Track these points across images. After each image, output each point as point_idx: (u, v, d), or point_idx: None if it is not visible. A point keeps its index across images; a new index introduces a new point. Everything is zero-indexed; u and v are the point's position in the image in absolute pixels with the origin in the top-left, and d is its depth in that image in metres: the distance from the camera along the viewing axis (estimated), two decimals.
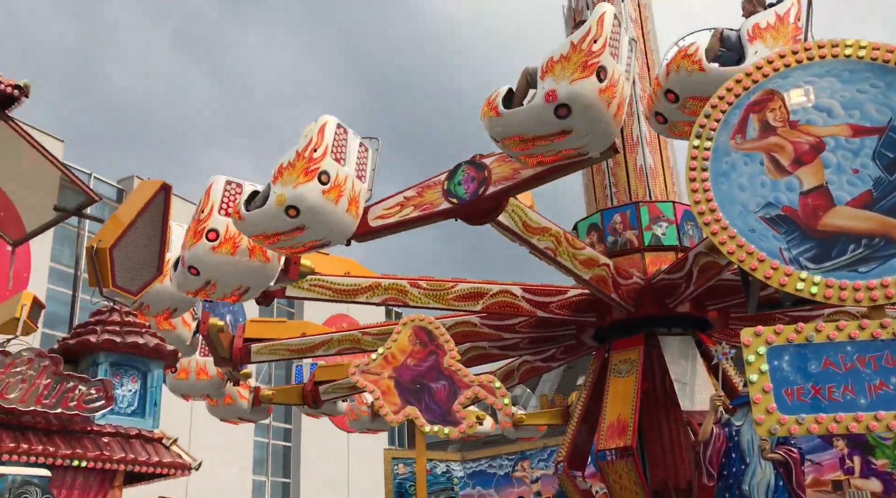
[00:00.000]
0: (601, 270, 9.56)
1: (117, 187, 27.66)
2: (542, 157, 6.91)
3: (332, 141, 7.30)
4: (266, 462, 31.46)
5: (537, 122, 6.49)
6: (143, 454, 6.88)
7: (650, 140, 10.92)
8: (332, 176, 7.01)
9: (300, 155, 7.17)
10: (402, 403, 7.36)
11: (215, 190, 8.06)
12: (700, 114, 5.21)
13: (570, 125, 6.40)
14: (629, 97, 6.85)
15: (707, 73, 6.57)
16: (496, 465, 19.60)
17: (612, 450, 9.41)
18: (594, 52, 6.29)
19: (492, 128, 6.80)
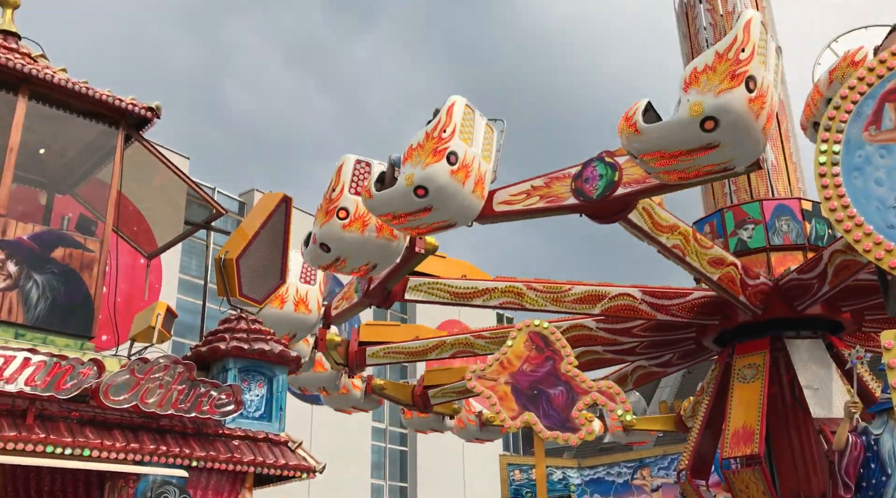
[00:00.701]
0: (729, 269, 9.21)
1: (239, 201, 28.88)
2: (684, 173, 6.64)
3: (461, 121, 7.20)
4: (384, 466, 32.03)
5: (681, 137, 6.23)
6: (270, 457, 7.11)
7: (772, 135, 10.46)
8: (461, 156, 6.95)
9: (429, 135, 7.09)
10: (520, 409, 7.33)
11: (346, 169, 8.15)
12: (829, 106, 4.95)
13: (716, 139, 6.11)
14: (776, 106, 6.44)
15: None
16: (614, 472, 19.22)
17: (738, 458, 9.09)
18: (742, 61, 6.02)
19: (630, 144, 6.61)
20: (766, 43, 6.36)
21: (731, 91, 5.94)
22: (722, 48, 6.16)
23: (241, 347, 7.27)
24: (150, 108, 7.85)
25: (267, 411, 7.47)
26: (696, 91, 6.08)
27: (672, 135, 6.25)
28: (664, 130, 6.27)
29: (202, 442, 6.83)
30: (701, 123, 6.03)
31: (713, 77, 6.04)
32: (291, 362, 7.60)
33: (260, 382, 7.48)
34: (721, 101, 5.94)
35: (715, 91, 5.98)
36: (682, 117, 6.14)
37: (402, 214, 7.26)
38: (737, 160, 6.46)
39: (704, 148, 6.21)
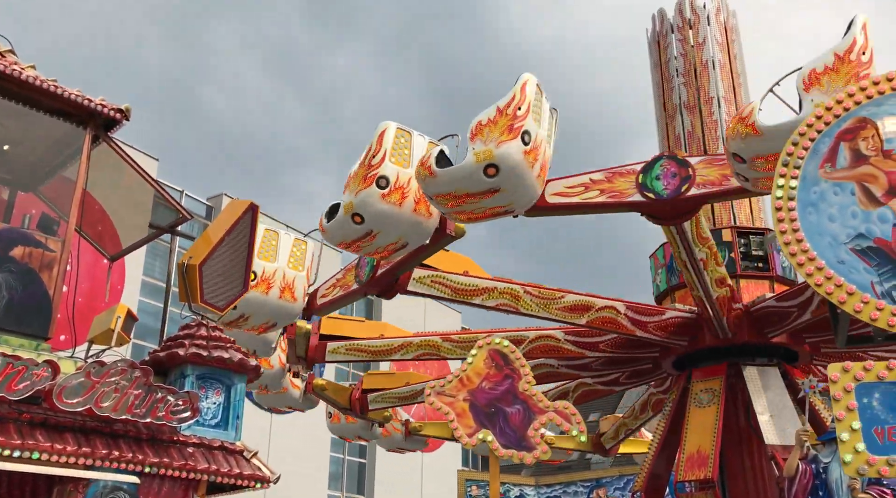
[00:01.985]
0: (724, 290, 9.40)
1: (207, 205, 28.65)
2: (472, 213, 7.20)
3: (533, 100, 6.95)
4: (341, 478, 31.81)
5: (468, 181, 6.80)
6: (225, 465, 7.05)
7: None
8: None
9: (502, 111, 6.75)
10: (477, 426, 7.37)
11: (388, 136, 7.66)
12: (787, 142, 5.09)
13: (497, 184, 6.75)
14: (551, 159, 7.18)
15: (761, 134, 6.47)
16: (571, 491, 19.27)
17: (692, 482, 9.20)
18: (518, 117, 6.64)
19: (426, 187, 7.07)
20: (540, 102, 6.97)
21: (508, 142, 6.57)
22: (502, 104, 6.73)
23: (201, 353, 7.21)
24: (119, 109, 7.79)
25: (223, 419, 7.40)
26: (480, 141, 6.68)
27: (460, 179, 6.82)
28: (454, 175, 6.83)
29: (156, 448, 6.75)
30: (484, 170, 6.65)
31: (494, 129, 6.63)
32: (251, 371, 7.55)
33: (218, 390, 7.42)
34: (501, 150, 6.58)
35: (496, 142, 6.59)
36: (469, 163, 6.71)
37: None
38: (515, 204, 7.19)
39: (487, 192, 6.83)
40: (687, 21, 11.89)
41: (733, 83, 11.71)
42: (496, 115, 6.74)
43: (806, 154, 4.97)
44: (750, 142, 6.56)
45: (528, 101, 6.78)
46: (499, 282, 10.14)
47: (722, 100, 11.46)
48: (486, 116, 6.77)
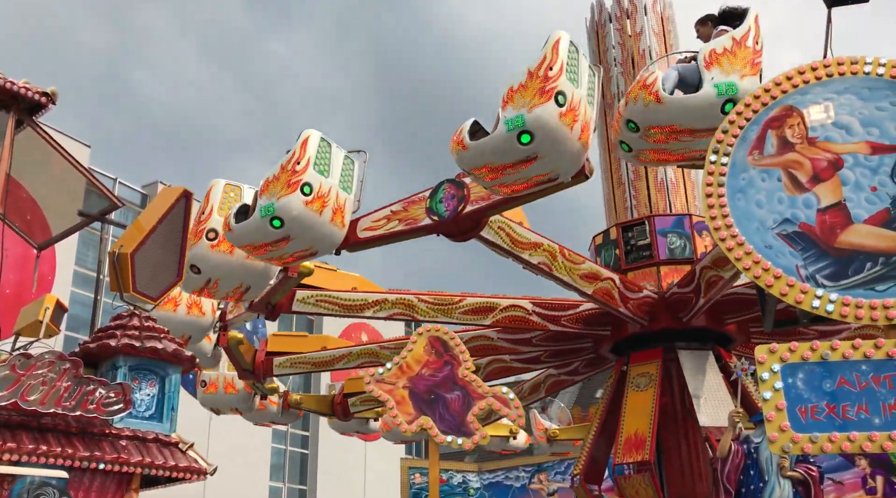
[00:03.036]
0: (605, 283, 9.57)
1: (141, 193, 27.98)
2: (514, 185, 7.03)
3: (315, 153, 7.49)
4: (283, 468, 31.56)
5: (502, 151, 6.60)
6: (159, 458, 6.92)
7: None
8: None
9: (283, 168, 7.34)
10: (417, 413, 7.37)
11: (215, 193, 8.43)
12: (718, 128, 5.19)
13: (534, 151, 6.51)
14: (594, 120, 6.96)
15: (664, 103, 6.58)
16: (513, 476, 19.54)
17: (630, 464, 9.38)
18: (551, 78, 6.41)
19: (460, 161, 6.94)
20: (576, 61, 6.77)
21: (542, 106, 6.33)
22: (533, 66, 6.52)
23: (133, 344, 7.06)
24: (44, 93, 7.54)
25: (158, 411, 7.27)
26: (511, 107, 6.46)
27: (494, 150, 6.62)
28: (488, 146, 6.62)
29: (86, 442, 6.59)
30: (517, 137, 6.41)
31: (526, 93, 6.41)
32: (185, 362, 7.42)
33: (151, 381, 7.27)
34: (533, 115, 6.35)
35: (528, 106, 6.36)
36: (501, 132, 6.51)
37: (262, 245, 7.46)
38: (560, 170, 6.87)
39: (525, 160, 6.60)
40: (625, 11, 12.03)
41: None
42: (527, 78, 6.50)
43: (735, 141, 5.08)
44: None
45: (562, 61, 6.51)
46: (390, 293, 10.40)
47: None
48: (516, 81, 6.55)
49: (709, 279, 9.21)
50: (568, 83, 6.52)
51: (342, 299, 10.34)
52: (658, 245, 10.47)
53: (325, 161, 7.56)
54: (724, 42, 6.71)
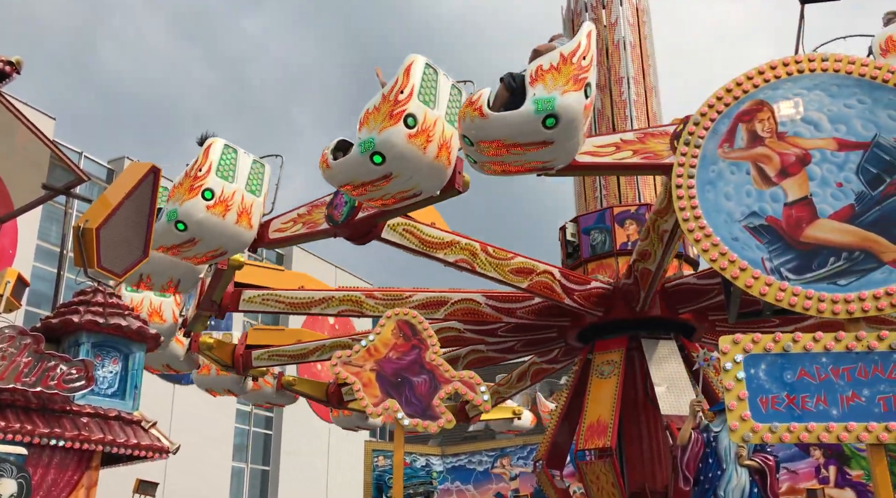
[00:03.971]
0: (542, 277, 9.68)
1: (107, 168, 27.50)
2: (383, 200, 7.16)
3: (219, 158, 7.85)
4: (246, 449, 31.46)
5: (359, 171, 6.77)
6: (121, 436, 6.85)
7: None
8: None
9: (566, 59, 6.63)
10: (383, 396, 7.38)
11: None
12: (689, 121, 5.24)
13: (388, 170, 6.69)
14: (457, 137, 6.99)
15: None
16: (476, 461, 19.65)
17: (592, 450, 9.47)
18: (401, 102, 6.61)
19: (327, 178, 7.02)
20: (434, 82, 6.94)
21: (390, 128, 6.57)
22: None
23: (96, 321, 6.97)
24: (9, 61, 7.35)
25: (121, 389, 7.20)
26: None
27: (353, 169, 6.80)
28: (346, 166, 6.79)
29: (47, 418, 6.51)
30: (370, 158, 6.59)
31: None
32: (150, 339, 7.35)
33: (115, 359, 7.20)
34: (382, 137, 6.57)
35: (378, 129, 6.59)
36: (356, 154, 6.67)
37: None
38: (421, 187, 7.12)
39: (382, 178, 6.80)
40: (600, 1, 12.06)
41: (643, 64, 11.97)
42: (381, 101, 6.63)
43: (706, 134, 5.13)
44: (476, 124, 6.61)
45: (413, 84, 6.70)
46: (337, 291, 10.64)
47: (632, 80, 11.71)
48: (372, 104, 6.67)
49: (641, 271, 9.41)
50: (420, 105, 6.68)
51: (288, 297, 10.53)
52: (582, 243, 10.83)
53: (230, 167, 7.88)
54: (552, 58, 6.56)
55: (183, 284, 8.74)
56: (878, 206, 4.80)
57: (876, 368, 4.54)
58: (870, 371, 4.54)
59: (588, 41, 6.54)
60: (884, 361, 4.55)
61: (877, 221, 4.77)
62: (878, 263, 4.70)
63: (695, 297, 9.98)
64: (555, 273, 9.88)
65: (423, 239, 9.30)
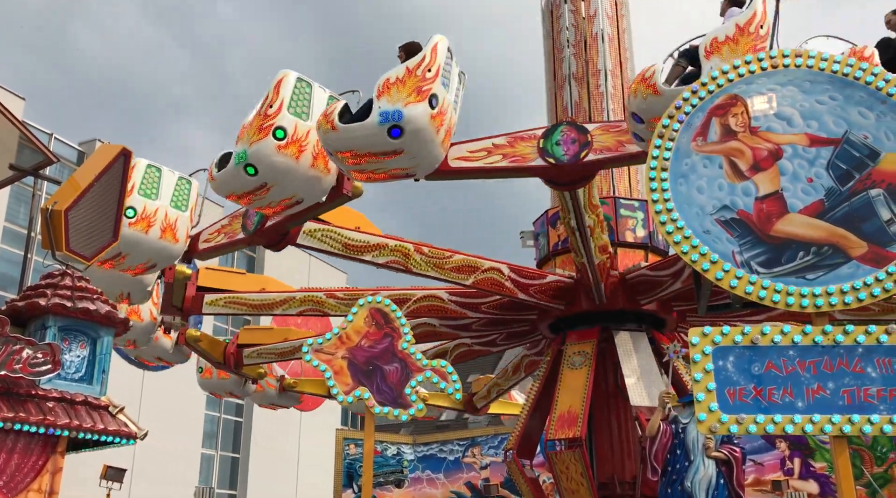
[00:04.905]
0: (489, 274, 9.86)
1: (78, 150, 27.09)
2: (372, 173, 7.12)
3: (444, 63, 7.01)
4: (216, 436, 31.27)
5: (371, 141, 6.70)
6: (87, 421, 6.76)
7: None
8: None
9: (411, 72, 6.76)
10: (354, 384, 7.36)
11: (286, 85, 7.44)
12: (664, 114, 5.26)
13: (401, 146, 6.69)
14: (455, 126, 7.14)
15: (662, 96, 6.60)
16: (447, 450, 19.70)
17: (562, 441, 9.54)
18: (428, 79, 6.59)
19: (326, 141, 6.96)
20: (450, 66, 6.97)
21: (416, 104, 6.53)
22: (412, 65, 6.67)
23: (64, 304, 6.85)
24: None
25: (88, 373, 7.09)
26: (386, 100, 6.58)
27: (363, 137, 6.72)
28: (357, 132, 6.72)
29: (11, 402, 6.40)
30: (388, 130, 6.58)
31: (402, 89, 6.56)
32: (119, 324, 7.24)
33: (82, 343, 7.08)
34: (408, 112, 6.52)
35: (403, 102, 6.52)
36: (373, 122, 6.62)
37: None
38: (418, 168, 7.09)
39: (391, 153, 6.77)
40: None
41: (620, 57, 12.01)
42: (405, 74, 6.63)
43: (681, 127, 5.15)
44: (650, 102, 6.70)
45: (439, 64, 6.70)
46: (390, 239, 10.12)
47: (609, 73, 11.74)
48: (394, 74, 6.66)
49: (580, 265, 9.66)
50: (441, 87, 6.72)
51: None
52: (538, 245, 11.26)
53: (302, 103, 7.49)
54: (728, 29, 6.62)
55: (302, 204, 8.14)
56: (847, 201, 4.86)
57: (841, 361, 4.61)
58: (835, 364, 4.60)
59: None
60: (849, 355, 4.62)
61: (845, 217, 4.83)
62: (845, 258, 4.76)
63: (652, 287, 10.08)
64: (503, 269, 10.00)
65: (345, 243, 9.51)
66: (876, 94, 4.97)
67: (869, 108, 4.96)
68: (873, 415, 4.48)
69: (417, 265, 9.95)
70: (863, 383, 4.53)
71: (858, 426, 4.48)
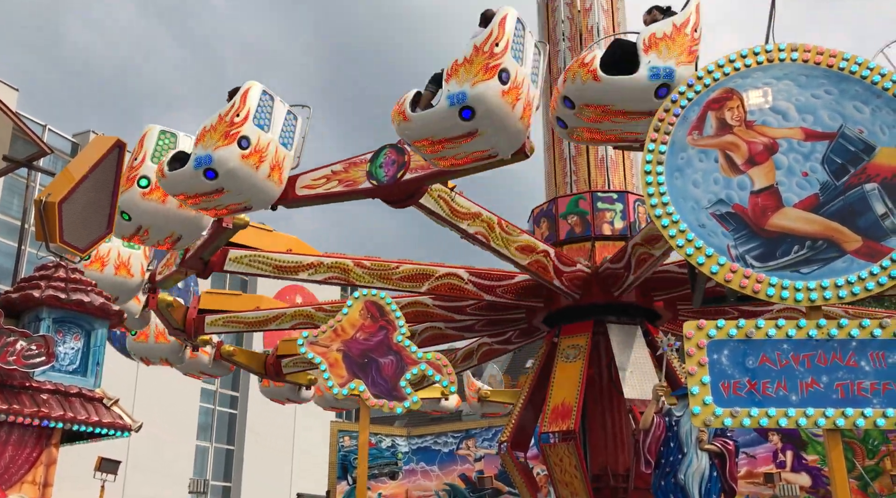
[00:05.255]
0: (539, 256, 9.71)
1: (72, 141, 27.00)
2: (454, 159, 7.01)
3: (256, 106, 7.32)
4: (211, 428, 31.29)
5: (443, 125, 6.58)
6: (82, 413, 6.76)
7: None
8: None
9: (222, 119, 7.20)
10: (349, 376, 7.37)
11: (149, 139, 8.19)
12: (660, 108, 5.26)
13: (475, 127, 6.49)
14: (537, 99, 6.94)
15: (601, 83, 6.55)
16: (441, 442, 19.76)
17: (556, 433, 9.55)
18: (496, 55, 6.39)
19: (401, 131, 6.91)
20: (522, 38, 6.75)
21: (485, 82, 6.32)
22: (479, 41, 6.50)
23: (58, 296, 6.84)
24: None
25: (82, 365, 7.08)
26: (455, 82, 6.43)
27: (435, 123, 6.60)
28: (428, 119, 6.61)
29: (5, 394, 6.40)
30: (459, 112, 6.39)
31: (470, 69, 6.40)
32: (113, 316, 7.24)
33: (76, 335, 7.07)
34: (475, 91, 6.33)
35: (471, 82, 6.35)
36: (443, 106, 6.48)
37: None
38: (499, 148, 6.88)
39: (465, 136, 6.58)
40: None
41: None
42: (473, 53, 6.45)
43: (676, 120, 5.15)
44: (587, 87, 6.63)
45: (508, 38, 6.47)
46: (326, 257, 10.37)
47: None
48: (462, 55, 6.51)
49: (640, 256, 9.41)
50: (513, 61, 6.50)
51: (277, 260, 10.25)
52: None
53: (266, 115, 7.42)
54: (664, 27, 6.68)
55: (183, 239, 8.61)
56: (842, 196, 4.88)
57: (835, 355, 4.63)
58: (829, 358, 4.62)
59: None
60: (842, 349, 4.64)
61: (840, 211, 4.85)
62: (840, 253, 4.78)
63: (672, 285, 10.07)
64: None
65: (453, 208, 9.18)
66: (871, 88, 4.98)
67: (864, 102, 4.98)
68: (867, 408, 4.50)
69: (360, 278, 10.15)
70: (856, 377, 4.55)
71: (852, 420, 4.50)
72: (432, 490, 19.47)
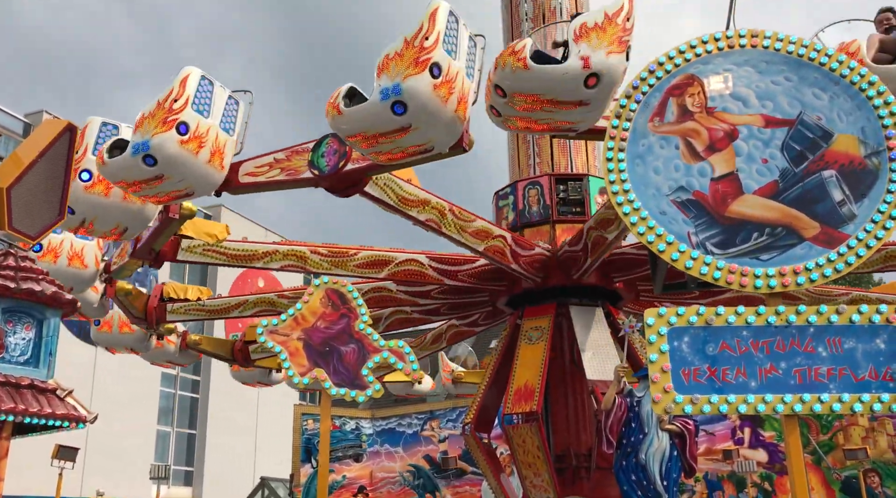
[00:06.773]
0: (496, 241, 9.71)
1: (24, 121, 26.27)
2: (391, 154, 6.95)
3: (195, 92, 7.19)
4: (172, 413, 30.97)
5: (376, 120, 6.50)
6: (34, 405, 6.61)
7: None
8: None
9: (160, 105, 7.05)
10: (310, 365, 7.29)
11: (90, 131, 7.96)
12: (621, 94, 5.22)
13: (408, 121, 6.43)
14: (474, 92, 6.84)
15: (531, 71, 6.49)
16: (405, 423, 19.82)
17: (519, 414, 9.61)
18: (426, 49, 6.29)
19: (335, 126, 6.82)
20: (455, 31, 6.68)
21: (416, 76, 6.22)
22: (409, 36, 6.41)
23: (7, 285, 6.66)
24: None
25: (34, 356, 6.91)
26: (386, 76, 6.33)
27: (368, 118, 6.50)
28: (361, 113, 6.51)
29: None
30: (391, 107, 6.31)
31: (400, 63, 6.30)
32: (66, 305, 7.06)
33: (28, 325, 6.90)
34: (406, 85, 6.23)
35: (402, 76, 6.25)
36: (375, 101, 6.40)
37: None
38: (435, 142, 6.83)
39: (400, 130, 6.51)
40: None
41: None
42: (403, 47, 6.33)
43: (638, 107, 5.13)
44: (517, 76, 6.55)
45: (439, 31, 6.35)
46: (281, 245, 10.30)
47: None
48: (392, 49, 6.40)
49: (595, 239, 9.48)
50: (445, 54, 6.42)
51: (230, 249, 10.16)
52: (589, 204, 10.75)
53: (206, 100, 7.27)
54: (596, 17, 6.59)
55: (130, 231, 8.45)
56: (801, 182, 4.91)
57: (793, 341, 4.68)
58: (787, 344, 4.67)
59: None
60: (801, 335, 4.69)
61: (799, 198, 4.88)
62: (798, 239, 4.82)
63: (631, 266, 10.14)
64: (507, 237, 9.91)
65: (401, 196, 9.10)
66: (829, 75, 5.00)
67: (822, 89, 5.00)
68: (823, 394, 4.56)
69: (316, 265, 10.12)
70: (814, 363, 4.61)
71: (809, 405, 4.56)
72: (397, 471, 19.54)
